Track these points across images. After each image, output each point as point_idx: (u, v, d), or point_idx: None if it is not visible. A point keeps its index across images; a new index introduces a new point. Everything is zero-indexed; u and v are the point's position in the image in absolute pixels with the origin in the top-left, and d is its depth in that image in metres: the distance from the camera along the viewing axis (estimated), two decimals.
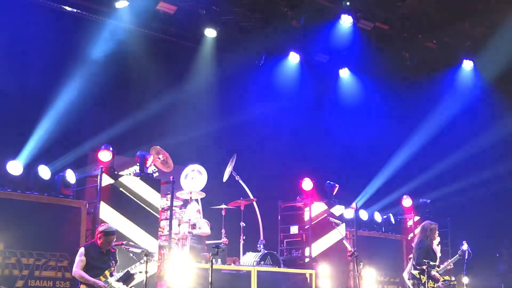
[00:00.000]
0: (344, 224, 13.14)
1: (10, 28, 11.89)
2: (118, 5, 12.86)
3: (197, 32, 14.10)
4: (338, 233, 11.99)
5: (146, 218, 10.75)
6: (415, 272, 10.61)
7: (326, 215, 12.65)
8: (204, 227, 11.67)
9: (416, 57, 15.73)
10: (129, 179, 10.76)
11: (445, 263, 11.41)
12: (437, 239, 11.51)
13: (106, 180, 10.46)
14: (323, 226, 13.04)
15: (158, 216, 11.00)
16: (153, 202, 10.90)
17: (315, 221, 13.09)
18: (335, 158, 16.05)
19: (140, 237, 10.58)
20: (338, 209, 13.48)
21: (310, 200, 13.18)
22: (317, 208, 13.21)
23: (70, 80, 12.29)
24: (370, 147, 16.35)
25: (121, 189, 10.59)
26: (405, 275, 11.31)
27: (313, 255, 12.88)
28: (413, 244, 11.42)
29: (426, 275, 10.51)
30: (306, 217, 13.15)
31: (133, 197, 10.69)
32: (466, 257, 12.14)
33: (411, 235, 14.51)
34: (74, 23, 12.86)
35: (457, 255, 11.82)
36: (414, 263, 10.89)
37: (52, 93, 12.14)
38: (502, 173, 16.07)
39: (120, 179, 10.63)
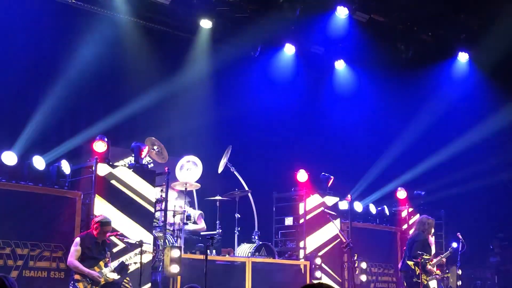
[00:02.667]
0: (338, 215, 13.20)
1: (2, 18, 11.83)
2: None
3: (193, 23, 14.07)
4: (333, 224, 12.03)
5: (140, 211, 10.72)
6: (411, 263, 10.67)
7: (322, 208, 12.65)
8: (200, 223, 11.78)
9: (411, 49, 15.72)
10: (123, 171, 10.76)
11: (438, 258, 11.49)
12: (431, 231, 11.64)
13: (101, 172, 10.45)
14: (318, 218, 13.10)
15: (153, 209, 10.98)
16: (147, 195, 10.87)
17: (310, 214, 13.13)
18: (330, 150, 16.06)
19: (134, 230, 10.51)
20: (331, 200, 13.50)
21: (305, 192, 13.20)
22: (312, 201, 13.24)
23: (64, 71, 12.25)
24: (365, 139, 16.37)
25: (113, 181, 10.57)
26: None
27: (308, 246, 12.90)
28: (408, 236, 11.53)
29: (420, 268, 10.58)
30: (301, 210, 13.17)
31: (127, 190, 10.68)
32: (460, 249, 12.20)
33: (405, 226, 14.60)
34: (68, 13, 12.80)
35: (448, 251, 11.91)
36: (408, 254, 10.97)
37: (47, 83, 12.10)
38: (497, 166, 16.11)
39: (114, 171, 10.62)
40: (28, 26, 12.11)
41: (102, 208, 10.25)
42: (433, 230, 11.73)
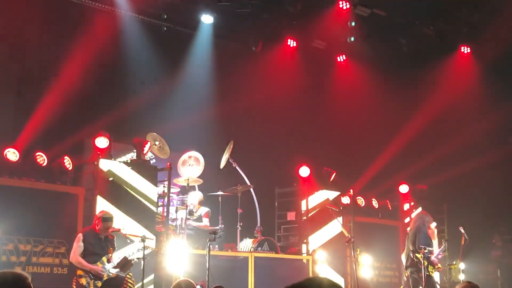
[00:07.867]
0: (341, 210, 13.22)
1: (9, 15, 11.82)
2: None
3: (194, 18, 14.05)
4: (335, 219, 12.04)
5: (143, 212, 10.75)
6: (419, 256, 10.70)
7: (325, 204, 12.67)
8: (204, 221, 11.78)
9: (413, 43, 15.70)
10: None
11: (436, 253, 11.54)
12: (433, 223, 11.71)
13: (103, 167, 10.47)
14: (320, 212, 13.11)
15: (155, 209, 10.99)
16: (149, 194, 10.90)
17: (312, 211, 13.15)
18: (332, 145, 16.04)
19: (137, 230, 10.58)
20: (333, 195, 13.52)
21: (308, 187, 13.21)
22: (314, 196, 13.25)
23: (66, 66, 12.23)
24: (367, 133, 16.35)
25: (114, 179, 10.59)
26: (403, 258, 11.41)
27: (310, 241, 12.92)
28: (408, 230, 11.56)
29: (426, 260, 10.64)
30: (304, 205, 13.18)
31: (129, 189, 10.69)
32: (462, 243, 12.21)
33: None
34: (70, 9, 12.78)
35: (444, 246, 11.98)
36: (412, 248, 11.00)
37: (48, 79, 12.10)
38: (498, 159, 16.08)
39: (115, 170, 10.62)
40: (29, 21, 12.09)
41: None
42: (434, 224, 11.80)
